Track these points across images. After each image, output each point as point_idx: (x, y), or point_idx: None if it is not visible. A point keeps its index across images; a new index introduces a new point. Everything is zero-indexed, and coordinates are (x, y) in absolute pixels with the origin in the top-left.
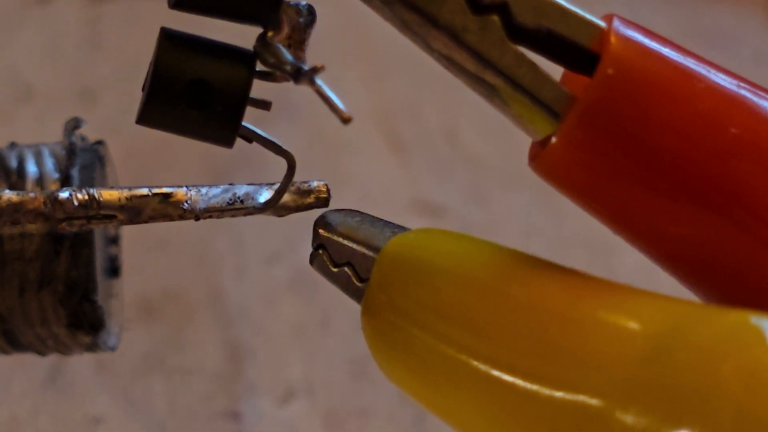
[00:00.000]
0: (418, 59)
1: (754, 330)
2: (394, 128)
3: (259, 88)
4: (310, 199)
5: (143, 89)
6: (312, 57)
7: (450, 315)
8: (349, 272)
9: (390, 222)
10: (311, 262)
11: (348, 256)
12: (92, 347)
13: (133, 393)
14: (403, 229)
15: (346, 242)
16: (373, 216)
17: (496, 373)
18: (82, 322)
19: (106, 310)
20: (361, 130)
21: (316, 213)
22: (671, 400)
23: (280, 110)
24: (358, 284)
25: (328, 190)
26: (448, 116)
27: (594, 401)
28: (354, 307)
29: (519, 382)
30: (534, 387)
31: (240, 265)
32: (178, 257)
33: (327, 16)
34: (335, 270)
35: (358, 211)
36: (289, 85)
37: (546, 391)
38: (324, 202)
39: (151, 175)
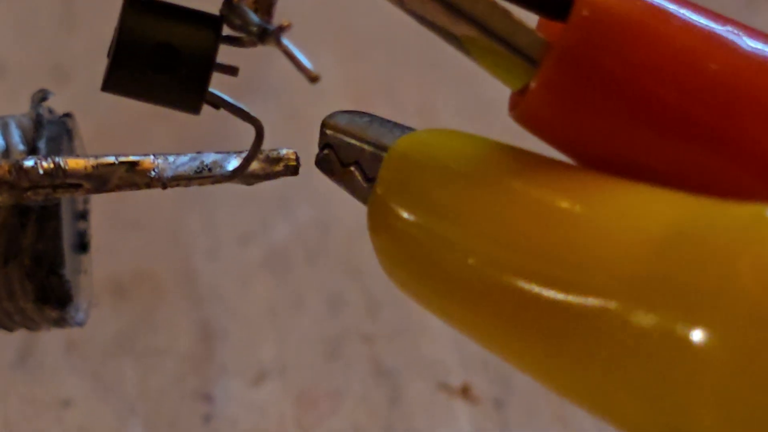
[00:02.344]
0: (393, 37)
1: None
2: (370, 106)
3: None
4: (279, 167)
5: (108, 55)
6: (287, 33)
7: (456, 216)
8: (357, 172)
9: (400, 124)
10: (317, 163)
11: (356, 155)
12: (60, 322)
13: (103, 374)
14: (412, 130)
15: (354, 141)
16: (382, 117)
17: (503, 276)
18: (50, 296)
19: (75, 285)
20: (336, 107)
21: (289, 194)
22: (684, 298)
23: (253, 88)
24: (365, 184)
25: (297, 158)
26: (423, 95)
27: (604, 302)
28: (326, 288)
29: (529, 285)
30: (543, 290)
31: (212, 246)
32: (150, 237)
33: None
34: (342, 170)
35: (366, 113)
36: (263, 62)
37: (557, 294)
38: (293, 170)
39: (125, 152)
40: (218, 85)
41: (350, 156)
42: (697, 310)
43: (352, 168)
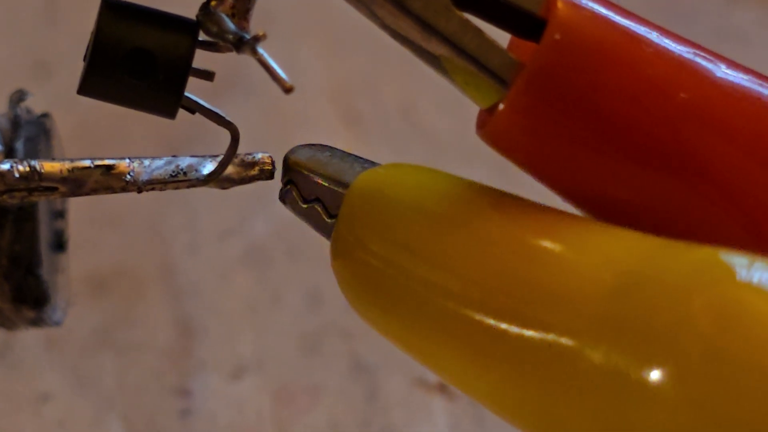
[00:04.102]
0: (374, 34)
1: (723, 266)
2: (350, 103)
3: (213, 62)
4: (255, 171)
5: (84, 59)
6: (268, 31)
7: (418, 252)
8: (319, 209)
9: (360, 157)
10: (281, 198)
11: (317, 192)
12: (37, 322)
13: (82, 369)
14: (373, 164)
15: (315, 177)
16: (343, 151)
17: (464, 310)
18: (27, 296)
19: (52, 284)
20: (316, 105)
21: (269, 190)
22: (640, 338)
23: (234, 85)
24: (328, 220)
25: (272, 162)
26: (404, 91)
27: (563, 339)
28: (305, 283)
29: (488, 319)
30: (503, 325)
31: (192, 241)
32: (130, 233)
33: None
34: (304, 206)
35: (328, 146)
36: (244, 59)
37: (515, 329)
38: (269, 174)
39: (105, 149)
40: (199, 82)
41: (311, 192)
42: (652, 350)
43: (315, 204)
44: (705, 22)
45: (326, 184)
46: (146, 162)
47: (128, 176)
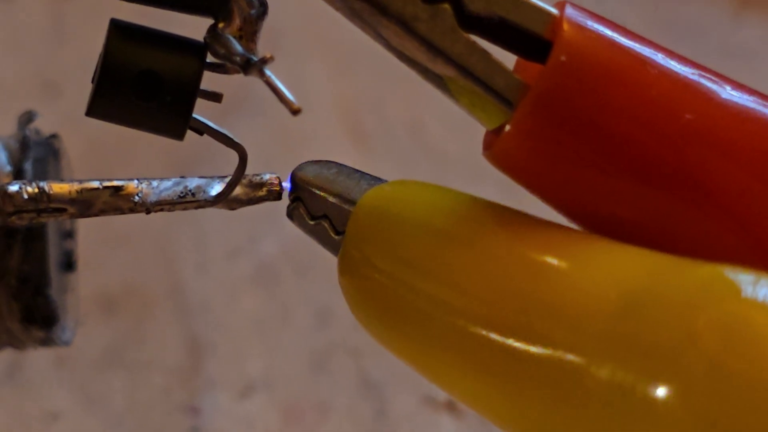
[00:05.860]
0: (381, 53)
1: (728, 283)
2: (358, 121)
3: (222, 81)
4: (263, 192)
5: (93, 81)
6: (276, 49)
7: (425, 269)
8: (326, 225)
9: (367, 174)
10: (288, 214)
11: (324, 209)
12: (46, 342)
13: (91, 388)
14: (380, 181)
15: (322, 194)
16: (350, 167)
17: (471, 327)
18: (36, 316)
19: (61, 304)
20: (324, 123)
21: (277, 209)
22: (645, 355)
23: (242, 104)
24: (335, 237)
25: (280, 183)
26: (411, 109)
27: (569, 356)
28: (313, 301)
29: (494, 336)
30: (509, 341)
31: (201, 260)
32: (139, 251)
33: (291, 7)
34: (312, 223)
35: (335, 163)
36: (252, 80)
37: (521, 346)
38: (276, 195)
39: (114, 168)
40: (207, 103)
41: (319, 209)
42: (657, 367)
43: (322, 221)
44: (712, 39)
45: (333, 201)
46: (154, 183)
47: (136, 197)
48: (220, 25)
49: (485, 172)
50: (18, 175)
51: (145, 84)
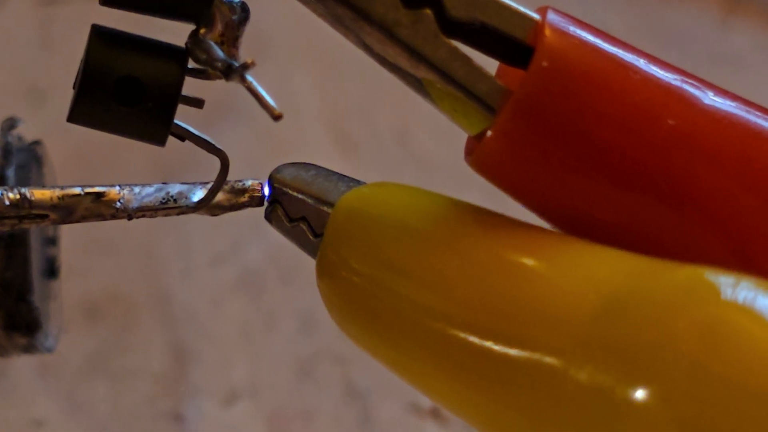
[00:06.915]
0: (367, 59)
1: (709, 285)
2: (344, 128)
3: (209, 88)
4: (245, 198)
5: (74, 87)
6: (263, 56)
7: (403, 271)
8: (304, 227)
9: (345, 176)
10: (266, 216)
11: (302, 211)
12: (29, 349)
13: (76, 395)
14: (358, 183)
15: (300, 196)
16: (328, 169)
17: (449, 329)
18: (18, 323)
19: (44, 311)
20: (310, 130)
21: (261, 215)
22: (625, 357)
23: (229, 111)
24: (313, 239)
25: (262, 189)
26: (398, 116)
27: (548, 359)
28: (298, 308)
29: (472, 338)
30: (488, 344)
31: (185, 266)
32: (123, 258)
33: (278, 15)
34: (290, 225)
35: (313, 165)
36: (235, 86)
37: (500, 349)
38: (259, 201)
39: (99, 175)
40: (191, 110)
41: (297, 211)
42: (637, 369)
43: (300, 224)
44: (700, 46)
45: (311, 203)
46: (136, 189)
47: (118, 203)
48: (202, 30)
49: (471, 179)
50: (0, 181)
51: (126, 89)
